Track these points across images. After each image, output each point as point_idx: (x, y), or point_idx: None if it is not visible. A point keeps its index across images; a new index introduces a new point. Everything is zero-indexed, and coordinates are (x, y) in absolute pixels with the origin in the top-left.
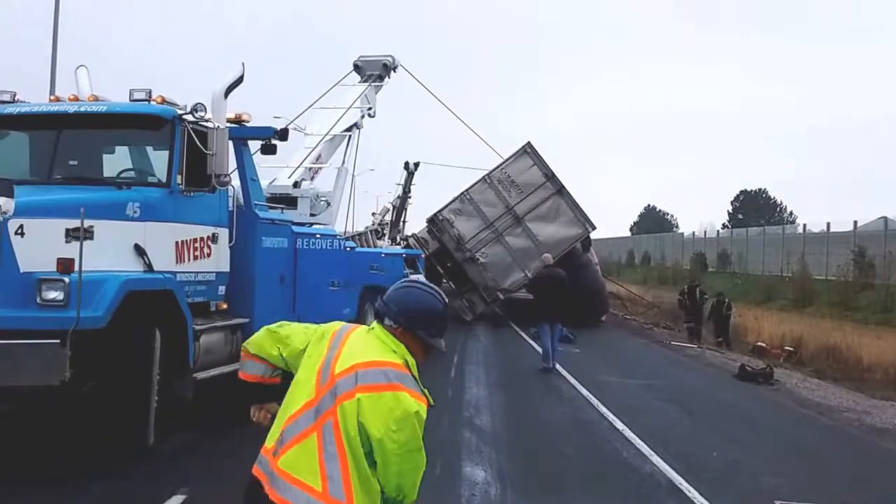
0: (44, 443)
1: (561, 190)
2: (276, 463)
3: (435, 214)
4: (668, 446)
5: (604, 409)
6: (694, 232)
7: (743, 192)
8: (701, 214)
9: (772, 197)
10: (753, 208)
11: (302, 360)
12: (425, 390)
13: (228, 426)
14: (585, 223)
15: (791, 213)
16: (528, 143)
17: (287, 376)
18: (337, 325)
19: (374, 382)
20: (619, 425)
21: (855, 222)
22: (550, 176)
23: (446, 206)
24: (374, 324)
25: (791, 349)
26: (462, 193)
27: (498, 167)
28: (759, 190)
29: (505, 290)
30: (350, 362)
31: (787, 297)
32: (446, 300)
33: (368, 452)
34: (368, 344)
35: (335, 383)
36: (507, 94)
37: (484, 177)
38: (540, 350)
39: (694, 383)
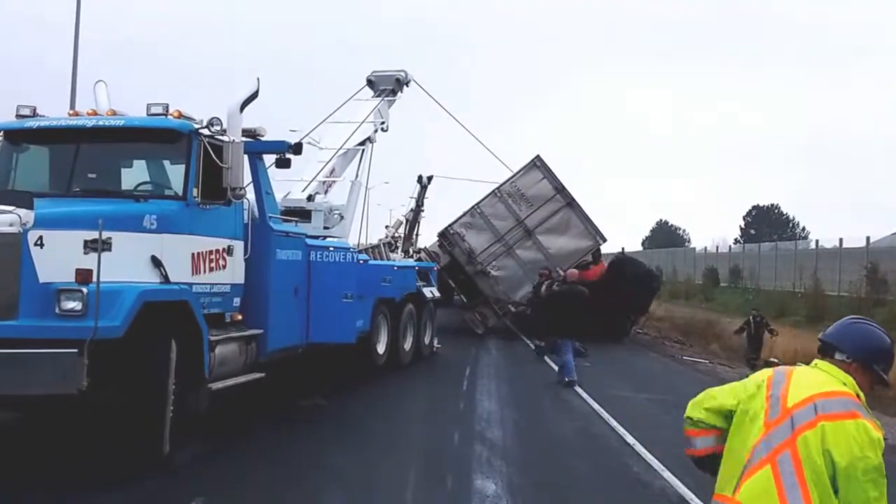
0: (59, 451)
1: (571, 202)
2: (734, 498)
3: (446, 228)
4: (680, 461)
5: (615, 423)
6: (706, 247)
7: (755, 208)
8: (713, 229)
9: (784, 212)
10: (766, 224)
11: (741, 410)
12: (877, 420)
13: (242, 436)
14: (596, 235)
15: (803, 229)
16: (538, 156)
17: None
18: (769, 371)
19: (835, 411)
20: (631, 440)
21: (867, 238)
22: (560, 188)
23: (457, 219)
24: (816, 361)
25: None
26: (473, 207)
27: (508, 181)
28: (772, 205)
29: (516, 303)
30: (805, 394)
31: (800, 313)
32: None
33: (831, 480)
34: (817, 377)
35: (790, 415)
36: (520, 107)
37: (494, 190)
38: (556, 367)
39: None
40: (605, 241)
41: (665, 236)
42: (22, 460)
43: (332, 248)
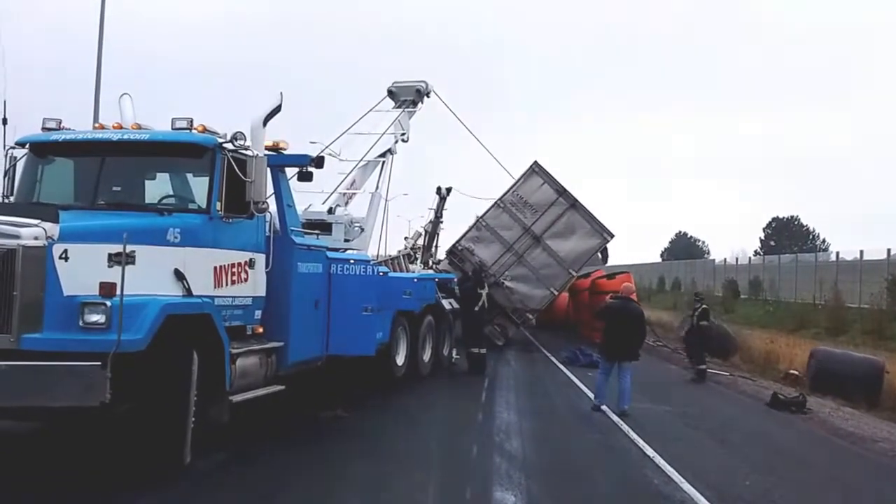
0: (82, 461)
1: (574, 204)
2: None
3: (454, 245)
4: (700, 474)
5: (634, 436)
6: (725, 258)
7: (775, 220)
8: (733, 241)
9: (804, 224)
10: (786, 235)
11: None
12: None
13: (263, 447)
14: (603, 233)
15: (824, 241)
16: (536, 161)
17: None
18: None
19: None
20: (650, 452)
21: (888, 250)
22: (562, 191)
23: (464, 235)
24: None
25: None
26: (478, 221)
27: (509, 190)
28: (792, 217)
29: (533, 311)
30: None
31: (820, 326)
32: None
33: None
34: None
35: None
36: (536, 118)
37: (497, 201)
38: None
39: (726, 411)
40: (612, 237)
41: (684, 248)
42: (45, 470)
43: (352, 261)
